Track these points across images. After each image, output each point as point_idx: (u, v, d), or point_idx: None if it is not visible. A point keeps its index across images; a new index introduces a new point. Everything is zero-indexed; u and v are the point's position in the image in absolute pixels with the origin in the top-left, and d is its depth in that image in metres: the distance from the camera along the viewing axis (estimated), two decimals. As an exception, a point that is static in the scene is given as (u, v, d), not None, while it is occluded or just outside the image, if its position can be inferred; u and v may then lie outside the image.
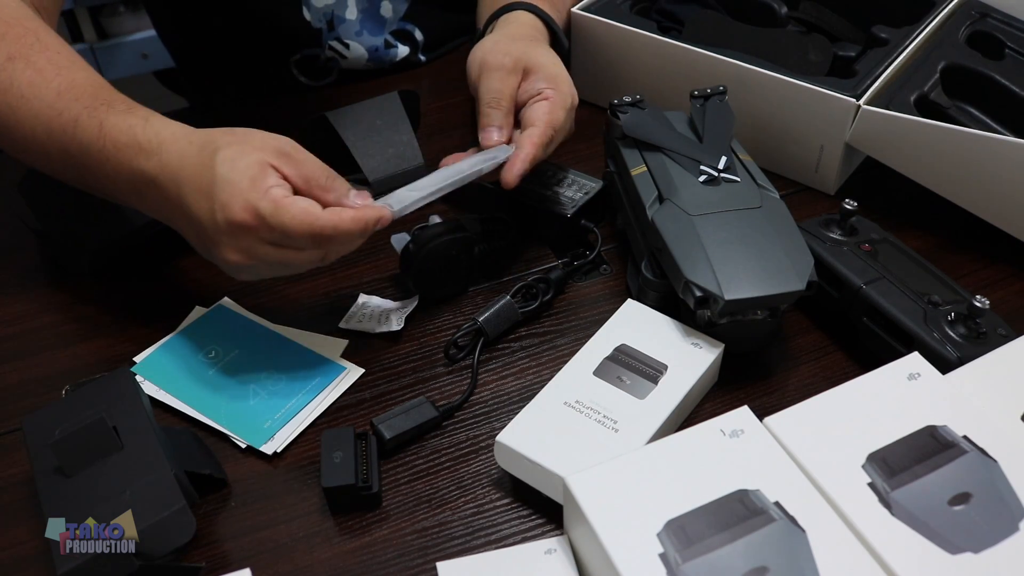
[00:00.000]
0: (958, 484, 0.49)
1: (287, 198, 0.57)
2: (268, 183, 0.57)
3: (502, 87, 0.72)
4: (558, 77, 0.72)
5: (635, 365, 0.61)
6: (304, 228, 0.57)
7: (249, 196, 0.56)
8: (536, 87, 0.72)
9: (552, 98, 0.71)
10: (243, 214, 0.57)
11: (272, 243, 0.58)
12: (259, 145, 0.59)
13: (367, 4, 0.96)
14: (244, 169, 0.57)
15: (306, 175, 0.60)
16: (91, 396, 0.59)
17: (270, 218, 0.56)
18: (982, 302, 0.60)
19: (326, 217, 0.58)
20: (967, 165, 0.72)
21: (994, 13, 0.89)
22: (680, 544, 0.47)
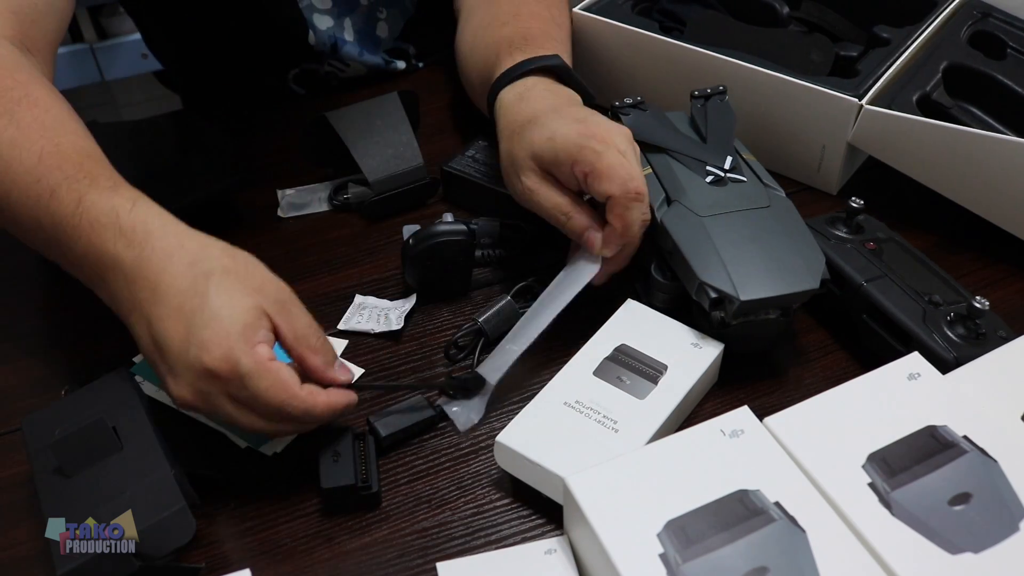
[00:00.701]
0: (958, 484, 0.49)
1: (272, 362, 0.53)
2: (258, 337, 0.53)
3: (563, 202, 0.66)
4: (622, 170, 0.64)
5: (635, 365, 0.61)
6: (276, 403, 0.53)
7: (236, 347, 0.52)
8: (603, 193, 0.63)
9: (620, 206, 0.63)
10: (221, 364, 0.52)
11: (236, 401, 0.54)
12: (258, 286, 0.55)
13: (362, 25, 0.95)
14: (240, 313, 0.53)
15: (298, 332, 0.56)
16: (91, 396, 0.59)
17: (247, 379, 0.52)
18: (982, 303, 0.60)
19: (301, 398, 0.54)
20: (969, 165, 0.72)
21: (996, 13, 0.89)
22: (680, 544, 0.47)
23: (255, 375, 0.52)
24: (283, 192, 0.83)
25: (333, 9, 0.92)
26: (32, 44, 0.69)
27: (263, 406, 0.53)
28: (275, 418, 0.55)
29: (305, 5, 0.90)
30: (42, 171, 0.58)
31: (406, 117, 0.81)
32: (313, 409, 0.55)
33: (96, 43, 2.05)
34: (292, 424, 0.56)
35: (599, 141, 0.63)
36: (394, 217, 0.80)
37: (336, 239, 0.79)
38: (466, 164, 0.80)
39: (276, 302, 0.55)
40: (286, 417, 0.54)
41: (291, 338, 0.55)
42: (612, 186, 0.62)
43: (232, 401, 0.54)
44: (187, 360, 0.52)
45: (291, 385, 0.54)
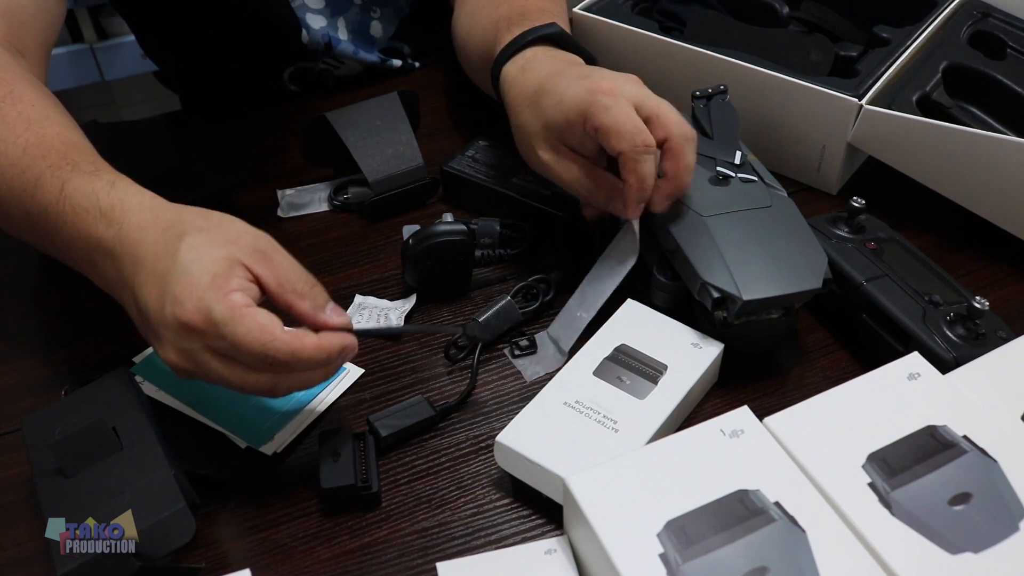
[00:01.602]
0: (958, 484, 0.49)
1: (247, 308, 0.51)
2: (230, 285, 0.51)
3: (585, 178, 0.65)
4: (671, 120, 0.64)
5: (635, 365, 0.61)
6: (257, 347, 0.50)
7: (205, 296, 0.50)
8: None
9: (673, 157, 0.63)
10: (194, 315, 0.50)
11: (219, 354, 0.52)
12: (232, 238, 0.53)
13: (356, 24, 0.95)
14: (209, 264, 0.51)
15: (281, 278, 0.53)
16: (91, 396, 0.59)
17: (222, 326, 0.50)
18: (982, 303, 0.60)
19: (284, 340, 0.51)
20: (970, 165, 0.72)
21: (995, 13, 0.89)
22: (680, 544, 0.47)
23: (229, 321, 0.50)
24: (283, 192, 0.83)
25: (326, 8, 0.93)
26: (22, 46, 0.69)
27: (245, 354, 0.51)
28: (263, 367, 0.52)
29: (298, 5, 0.90)
30: (27, 162, 0.59)
31: (406, 117, 0.81)
32: (300, 352, 0.52)
33: (96, 43, 2.04)
34: (286, 375, 0.53)
35: (606, 94, 0.62)
36: (394, 217, 0.80)
37: (336, 239, 0.79)
38: (466, 164, 0.80)
39: (254, 251, 0.53)
40: (273, 364, 0.51)
41: (274, 285, 0.53)
42: (620, 142, 0.60)
43: (216, 356, 0.52)
44: (164, 319, 0.52)
45: (270, 327, 0.51)
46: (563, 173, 0.65)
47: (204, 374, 0.53)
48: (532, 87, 0.67)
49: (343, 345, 0.54)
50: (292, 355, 0.51)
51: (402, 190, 0.79)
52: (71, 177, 0.57)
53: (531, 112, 0.66)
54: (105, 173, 0.58)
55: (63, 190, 0.57)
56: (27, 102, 0.62)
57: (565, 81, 0.64)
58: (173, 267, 0.51)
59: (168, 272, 0.52)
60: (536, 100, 0.66)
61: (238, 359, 0.52)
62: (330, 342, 0.53)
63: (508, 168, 0.79)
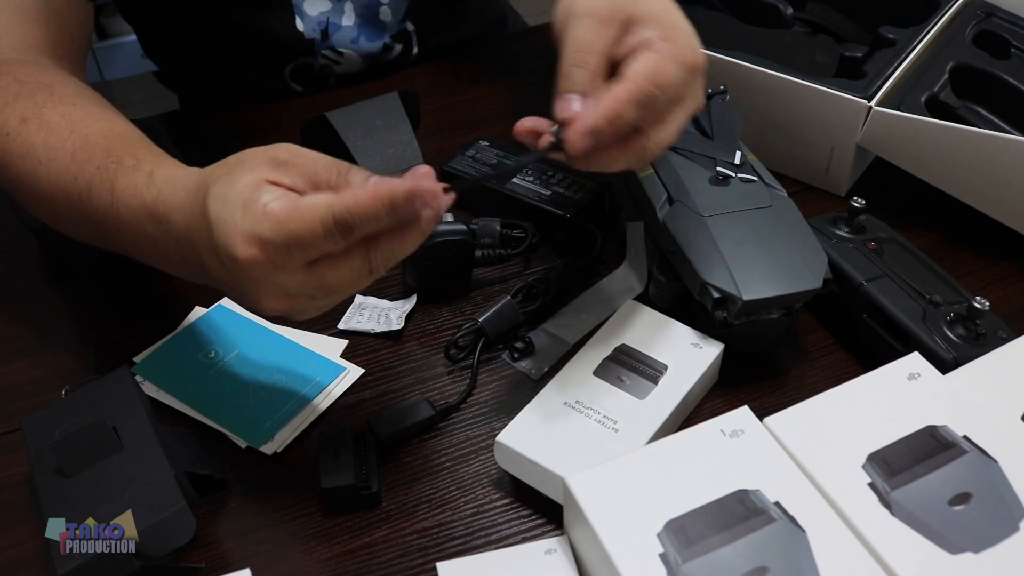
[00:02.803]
0: (958, 484, 0.49)
1: (288, 204, 0.47)
2: (263, 200, 0.47)
3: (592, 39, 0.53)
4: (675, 26, 0.54)
5: (635, 365, 0.61)
6: (317, 225, 0.46)
7: (245, 225, 0.47)
8: (641, 37, 0.53)
9: (663, 48, 0.52)
10: (247, 249, 0.47)
11: (300, 267, 0.48)
12: (250, 165, 0.50)
13: (365, 9, 0.95)
14: (235, 199, 0.48)
15: (311, 176, 0.49)
16: (91, 396, 0.59)
17: (277, 237, 0.46)
18: (982, 303, 0.60)
19: (336, 201, 0.46)
20: (979, 165, 0.72)
21: (999, 12, 0.89)
22: (680, 544, 0.47)
23: (279, 227, 0.46)
24: (283, 192, 0.83)
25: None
26: (63, 51, 0.70)
27: (313, 242, 0.46)
28: (337, 241, 0.47)
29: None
30: (76, 168, 0.58)
31: (406, 117, 0.81)
32: (356, 204, 0.46)
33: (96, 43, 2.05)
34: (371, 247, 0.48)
35: None
36: (394, 217, 0.80)
37: (336, 239, 0.79)
38: (466, 164, 0.80)
39: (273, 165, 0.49)
40: (344, 230, 0.46)
41: (308, 187, 0.49)
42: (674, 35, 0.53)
43: (300, 271, 0.48)
44: (231, 274, 0.49)
45: (317, 202, 0.46)
46: (577, 30, 0.54)
47: (306, 297, 0.50)
48: None
49: (407, 187, 0.46)
50: (350, 212, 0.46)
51: (402, 190, 0.79)
52: (117, 177, 0.56)
53: None
54: (145, 163, 0.56)
55: (113, 193, 0.56)
56: (68, 102, 0.62)
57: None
58: (209, 225, 0.49)
59: (209, 232, 0.49)
60: None
61: (316, 255, 0.47)
62: (388, 186, 0.46)
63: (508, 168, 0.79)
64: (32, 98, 0.62)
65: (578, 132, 0.50)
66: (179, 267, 0.56)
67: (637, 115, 0.51)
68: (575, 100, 0.52)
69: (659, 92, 0.51)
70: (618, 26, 0.53)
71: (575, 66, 0.53)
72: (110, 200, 0.56)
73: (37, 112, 0.61)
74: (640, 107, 0.51)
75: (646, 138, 0.53)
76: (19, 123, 0.61)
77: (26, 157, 0.60)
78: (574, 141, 0.51)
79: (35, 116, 0.61)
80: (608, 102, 0.50)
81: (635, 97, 0.51)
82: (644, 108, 0.51)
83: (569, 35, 0.54)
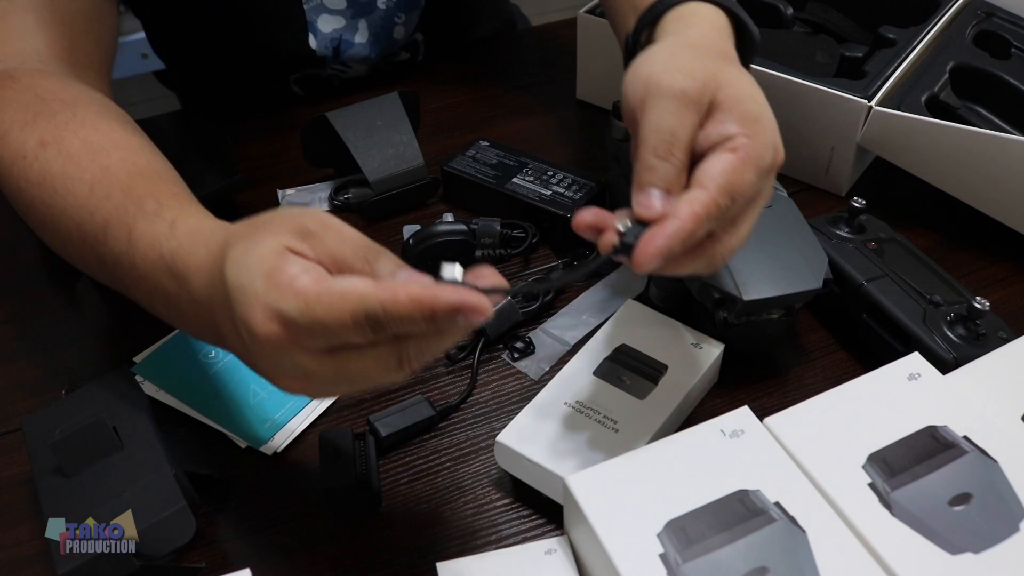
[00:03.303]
0: (958, 484, 0.49)
1: (318, 284, 0.42)
2: (290, 272, 0.42)
3: (678, 126, 0.48)
4: (759, 119, 0.49)
5: (635, 365, 0.61)
6: (347, 315, 0.41)
7: (268, 299, 0.42)
8: (724, 131, 0.48)
9: (743, 150, 0.48)
10: (267, 324, 0.42)
11: (322, 352, 0.43)
12: (275, 229, 0.44)
13: (379, 28, 0.93)
14: (256, 265, 0.43)
15: (336, 255, 0.44)
16: (91, 396, 0.59)
17: (302, 317, 0.41)
18: (982, 304, 0.60)
19: (373, 293, 0.41)
20: (980, 165, 0.72)
21: (999, 12, 0.89)
22: (680, 544, 0.47)
23: (304, 308, 0.41)
24: (283, 192, 0.83)
25: (347, 10, 0.90)
26: (85, 59, 0.66)
27: (340, 331, 0.42)
28: (370, 337, 0.42)
29: (312, 6, 0.89)
30: (94, 204, 0.55)
31: (406, 117, 0.81)
32: (394, 302, 0.41)
33: (96, 43, 2.05)
34: (404, 343, 0.43)
35: None
36: (394, 217, 0.80)
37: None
38: (466, 164, 0.80)
39: (301, 234, 0.44)
40: (375, 326, 0.41)
41: (332, 266, 0.44)
42: (758, 132, 0.49)
43: (321, 355, 0.43)
44: (248, 348, 0.45)
45: (351, 288, 0.41)
46: (660, 113, 0.49)
47: (328, 383, 0.45)
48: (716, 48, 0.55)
49: (452, 299, 0.42)
50: (385, 311, 0.41)
51: (402, 190, 0.79)
52: (136, 222, 0.52)
53: (664, 50, 0.53)
54: (167, 210, 0.52)
55: (130, 238, 0.52)
56: (90, 126, 0.58)
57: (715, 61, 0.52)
58: (228, 291, 0.44)
59: (227, 300, 0.44)
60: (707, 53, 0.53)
61: (341, 343, 0.43)
62: (432, 294, 0.42)
63: (508, 168, 0.79)
64: (53, 119, 0.58)
65: (648, 254, 0.46)
66: (192, 327, 0.52)
67: (711, 227, 0.48)
68: (656, 197, 0.48)
69: (735, 202, 0.48)
70: (704, 110, 0.49)
71: (660, 158, 0.48)
72: (127, 246, 0.52)
73: (57, 136, 0.58)
74: (713, 218, 0.47)
75: (718, 244, 0.49)
76: (37, 146, 0.58)
77: (42, 185, 0.57)
78: (644, 262, 0.46)
79: (55, 140, 0.57)
80: (683, 222, 0.46)
81: (711, 213, 0.47)
82: (717, 217, 0.47)
83: (651, 116, 0.49)
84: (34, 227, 0.61)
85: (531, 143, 0.87)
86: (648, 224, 0.47)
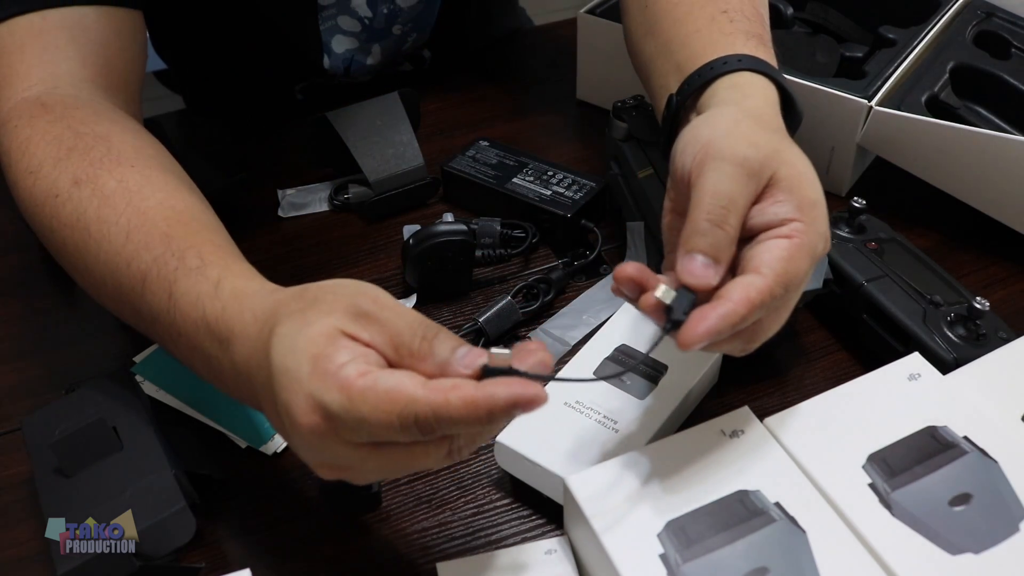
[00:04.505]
0: (958, 485, 0.49)
1: (364, 378, 0.40)
2: (337, 362, 0.40)
3: (736, 195, 0.46)
4: (816, 205, 0.47)
5: (635, 365, 0.61)
6: (394, 420, 0.39)
7: (311, 388, 0.40)
8: (779, 212, 0.46)
9: (799, 238, 0.46)
10: (309, 416, 0.40)
11: (365, 445, 0.41)
12: (328, 309, 0.42)
13: (391, 51, 0.92)
14: (304, 349, 0.41)
15: (393, 336, 0.42)
16: (91, 396, 0.59)
17: (345, 415, 0.40)
18: (982, 304, 0.60)
19: (423, 398, 0.39)
20: (980, 165, 0.72)
21: (1000, 12, 0.89)
22: (680, 544, 0.47)
23: (348, 405, 0.40)
24: (283, 192, 0.83)
25: (361, 33, 0.89)
26: (119, 80, 0.64)
27: (385, 433, 0.40)
28: (418, 437, 0.40)
29: (327, 27, 0.87)
30: (131, 252, 0.52)
31: (406, 117, 0.81)
32: (445, 410, 0.39)
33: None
34: (454, 439, 0.42)
35: None
36: (394, 217, 0.80)
37: (336, 239, 0.79)
38: (466, 164, 0.80)
39: (355, 316, 0.42)
40: (424, 430, 0.40)
41: (389, 351, 0.42)
42: (814, 219, 0.47)
43: (363, 448, 0.42)
44: (291, 435, 0.43)
45: (399, 389, 0.40)
46: (720, 178, 0.47)
47: (370, 472, 0.44)
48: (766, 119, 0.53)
49: (508, 397, 0.39)
50: (436, 416, 0.39)
51: (402, 190, 0.80)
52: (177, 279, 0.50)
53: (727, 117, 0.51)
54: (211, 268, 0.50)
55: (171, 295, 0.50)
56: (127, 163, 0.56)
57: (776, 137, 0.50)
58: (272, 371, 0.42)
59: (270, 380, 0.43)
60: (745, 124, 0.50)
61: (384, 442, 0.41)
62: (486, 394, 0.39)
63: (508, 168, 0.79)
64: (87, 155, 0.56)
65: (698, 334, 0.43)
66: (230, 390, 0.50)
67: (756, 316, 0.45)
68: (703, 264, 0.45)
69: (788, 291, 0.46)
70: (763, 184, 0.47)
71: (715, 224, 0.46)
72: (167, 303, 0.50)
73: (92, 174, 0.55)
74: (765, 307, 0.45)
75: (759, 327, 0.47)
76: (71, 185, 0.55)
77: (75, 227, 0.54)
78: (691, 341, 0.43)
79: (89, 179, 0.55)
80: (737, 306, 0.44)
81: (766, 301, 0.45)
82: (767, 307, 0.45)
83: (709, 179, 0.47)
84: (67, 269, 0.59)
85: (531, 143, 0.87)
86: (692, 292, 0.45)
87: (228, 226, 0.57)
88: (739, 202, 0.46)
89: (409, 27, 0.91)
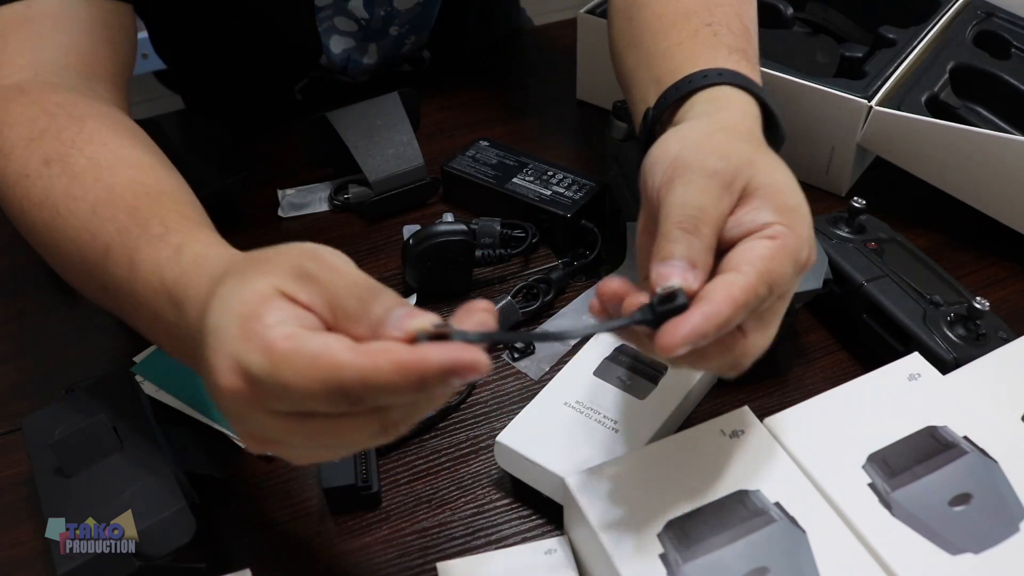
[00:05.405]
0: (958, 484, 0.49)
1: (289, 341, 0.37)
2: (265, 322, 0.37)
3: (708, 205, 0.44)
4: (796, 209, 0.45)
5: (635, 365, 0.61)
6: (317, 386, 0.36)
7: (235, 349, 0.37)
8: (760, 218, 0.44)
9: (781, 239, 0.43)
10: (230, 378, 0.37)
11: (289, 415, 0.38)
12: (270, 268, 0.39)
13: (389, 51, 0.93)
14: (234, 308, 0.38)
15: (330, 298, 0.38)
16: (91, 396, 0.59)
17: (267, 379, 0.36)
18: (982, 304, 0.60)
19: (351, 363, 0.36)
20: (980, 165, 0.72)
21: (999, 12, 0.89)
22: (680, 544, 0.47)
23: (270, 368, 0.36)
24: (283, 192, 0.83)
25: (358, 32, 0.89)
26: (103, 69, 0.63)
27: (309, 400, 0.37)
28: (345, 407, 0.37)
29: (324, 28, 0.87)
30: (96, 225, 0.51)
31: (406, 117, 0.81)
32: (374, 376, 0.36)
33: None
34: (386, 412, 0.38)
35: None
36: (394, 217, 0.80)
37: (336, 239, 0.79)
38: (466, 164, 0.80)
39: (296, 275, 0.39)
40: (352, 398, 0.36)
41: (326, 312, 0.39)
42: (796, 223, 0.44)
43: (289, 418, 0.38)
44: (215, 398, 0.40)
45: (326, 353, 0.36)
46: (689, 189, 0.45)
47: (299, 448, 0.41)
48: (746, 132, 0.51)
49: (442, 361, 0.36)
50: (363, 383, 0.36)
51: (402, 190, 0.80)
52: (139, 245, 0.48)
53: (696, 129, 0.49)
54: (174, 235, 0.48)
55: (132, 264, 0.48)
56: (98, 142, 0.55)
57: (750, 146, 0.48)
58: (205, 330, 0.40)
59: (203, 339, 0.40)
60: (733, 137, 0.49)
61: (311, 410, 0.37)
62: (418, 357, 0.36)
63: (508, 168, 0.79)
64: (59, 135, 0.55)
65: (679, 336, 0.40)
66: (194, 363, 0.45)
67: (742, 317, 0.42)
68: (679, 267, 0.42)
69: (771, 293, 0.43)
70: (736, 195, 0.45)
71: (685, 231, 0.43)
72: (128, 272, 0.48)
73: (62, 153, 0.54)
74: (749, 307, 0.42)
75: (745, 341, 0.44)
76: (41, 164, 0.54)
77: (44, 205, 0.54)
78: (669, 344, 0.40)
79: (59, 158, 0.54)
80: (718, 306, 0.41)
81: (749, 300, 0.41)
82: (752, 307, 0.42)
83: (678, 192, 0.44)
84: (37, 249, 0.58)
85: (531, 143, 0.87)
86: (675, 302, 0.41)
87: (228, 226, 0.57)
88: (711, 213, 0.44)
89: (407, 28, 0.91)
